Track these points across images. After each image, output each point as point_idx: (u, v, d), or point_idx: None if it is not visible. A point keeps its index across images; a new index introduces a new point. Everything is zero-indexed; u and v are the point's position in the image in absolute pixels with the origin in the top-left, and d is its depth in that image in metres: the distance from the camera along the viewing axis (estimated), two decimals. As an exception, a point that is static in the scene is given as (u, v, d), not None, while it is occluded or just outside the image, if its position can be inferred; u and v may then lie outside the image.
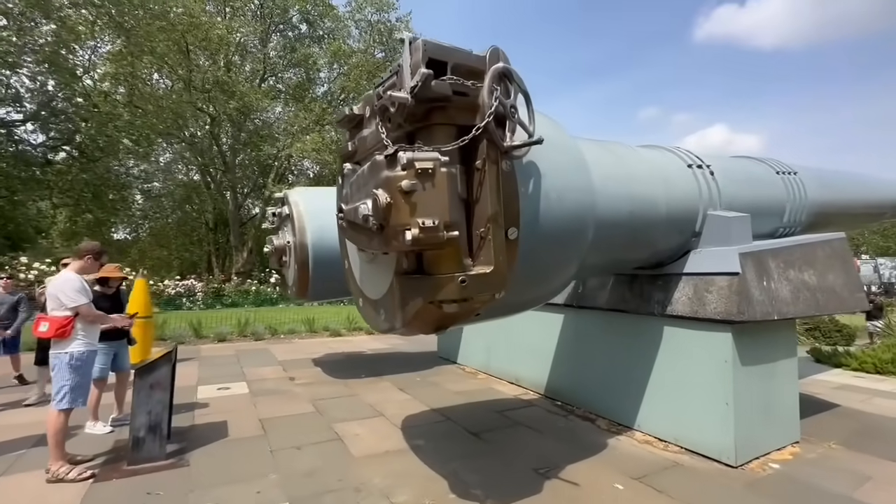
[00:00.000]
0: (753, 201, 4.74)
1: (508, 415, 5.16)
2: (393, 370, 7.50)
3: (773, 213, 5.06)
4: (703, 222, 4.18)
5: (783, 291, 4.14)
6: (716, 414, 3.96)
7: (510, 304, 3.03)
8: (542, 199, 2.73)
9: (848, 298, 4.83)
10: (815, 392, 6.65)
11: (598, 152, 3.54)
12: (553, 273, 3.03)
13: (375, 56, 36.25)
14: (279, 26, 34.78)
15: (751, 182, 4.77)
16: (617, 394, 4.91)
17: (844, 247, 5.11)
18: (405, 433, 4.50)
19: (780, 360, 4.33)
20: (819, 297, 4.49)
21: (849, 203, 6.32)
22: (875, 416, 5.47)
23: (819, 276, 4.61)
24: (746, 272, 3.92)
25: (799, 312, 4.20)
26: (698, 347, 4.14)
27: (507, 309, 3.10)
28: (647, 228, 3.73)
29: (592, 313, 5.26)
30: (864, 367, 8.32)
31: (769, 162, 5.48)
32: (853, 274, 5.04)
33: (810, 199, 5.48)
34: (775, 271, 4.18)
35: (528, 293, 3.03)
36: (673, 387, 4.35)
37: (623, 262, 3.99)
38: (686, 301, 4.18)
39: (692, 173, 4.18)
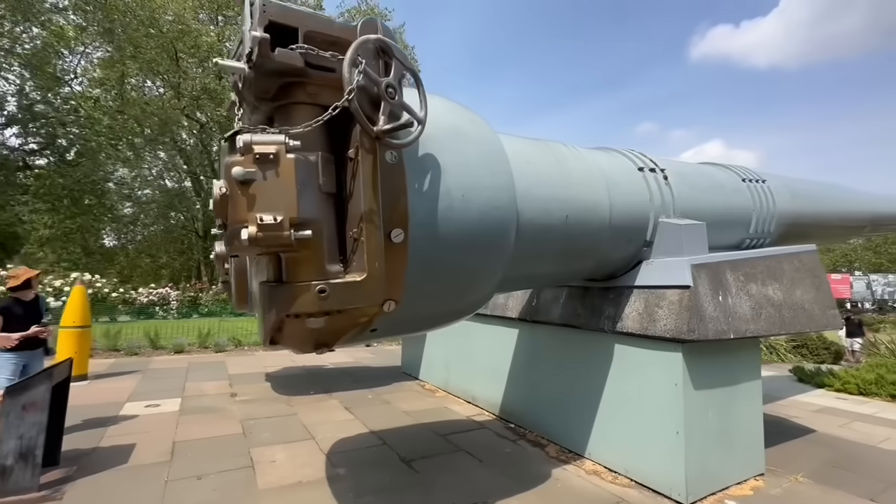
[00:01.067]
0: (714, 209, 4.39)
1: (453, 439, 4.73)
2: (348, 386, 7.05)
3: (738, 223, 4.71)
4: (655, 230, 3.82)
5: (742, 307, 3.77)
6: (666, 443, 3.55)
7: (417, 318, 2.65)
8: (443, 198, 2.37)
9: (818, 316, 4.45)
10: (792, 415, 6.24)
11: (527, 150, 3.19)
12: (465, 283, 2.64)
13: (368, 66, 36.30)
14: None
15: (712, 189, 4.43)
16: (568, 418, 4.50)
17: (815, 260, 4.76)
18: (329, 460, 4.06)
19: (741, 382, 3.93)
20: (785, 313, 4.12)
21: (824, 215, 5.99)
22: (852, 444, 5.06)
23: (785, 292, 4.24)
24: (699, 286, 3.55)
25: (761, 331, 3.81)
26: (649, 368, 3.75)
27: (416, 323, 2.71)
28: (588, 236, 3.36)
29: (546, 328, 4.87)
30: (847, 387, 7.93)
31: (736, 169, 5.15)
32: (825, 289, 4.67)
33: (780, 208, 5.14)
34: (734, 285, 3.81)
35: (437, 305, 2.64)
36: (624, 412, 3.94)
37: (563, 272, 3.61)
38: (636, 317, 3.80)
39: (642, 177, 3.83)
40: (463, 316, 2.97)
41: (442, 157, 2.40)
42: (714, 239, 4.51)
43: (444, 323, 2.91)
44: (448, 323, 2.97)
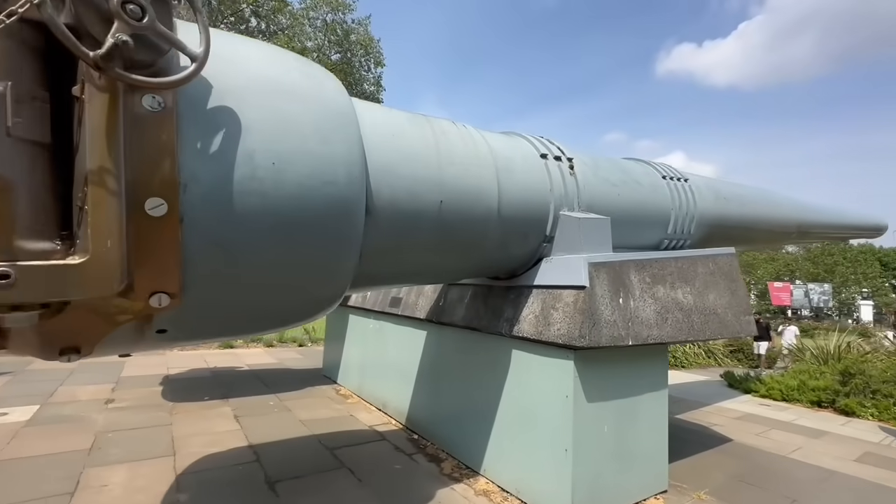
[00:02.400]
0: (628, 205, 4.08)
1: (342, 453, 4.21)
2: (254, 391, 6.40)
3: (656, 222, 4.44)
4: (555, 224, 3.44)
5: (646, 312, 3.45)
6: (554, 462, 3.17)
7: (228, 319, 2.12)
8: (242, 165, 1.85)
9: (732, 322, 4.22)
10: (713, 423, 6.10)
11: (397, 122, 2.72)
12: (290, 275, 2.14)
13: (331, 57, 35.25)
14: (229, 19, 33.18)
15: (627, 184, 4.12)
16: (467, 430, 4.07)
17: (733, 264, 4.55)
18: (180, 482, 3.45)
19: (644, 393, 3.62)
20: (695, 319, 3.85)
21: (750, 219, 5.86)
22: (765, 455, 4.91)
23: (697, 296, 3.98)
24: (596, 286, 3.19)
25: (666, 337, 3.51)
26: (542, 378, 3.37)
27: (229, 325, 2.17)
28: (470, 226, 2.92)
29: (451, 331, 4.43)
30: (772, 393, 7.97)
31: (657, 165, 4.90)
32: (741, 294, 4.47)
33: (700, 209, 4.92)
34: (638, 287, 3.49)
35: (253, 302, 2.12)
36: (518, 425, 3.54)
37: (446, 268, 3.17)
38: (532, 319, 3.42)
39: (544, 165, 3.45)
40: (302, 317, 2.46)
41: (246, 113, 1.88)
42: (629, 238, 4.23)
43: (275, 325, 2.39)
44: (282, 325, 2.45)
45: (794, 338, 13.19)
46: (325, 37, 33.95)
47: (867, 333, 27.30)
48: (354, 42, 34.99)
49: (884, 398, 6.92)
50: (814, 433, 5.87)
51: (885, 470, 4.61)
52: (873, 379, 7.21)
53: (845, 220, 8.06)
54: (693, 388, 8.61)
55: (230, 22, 33.41)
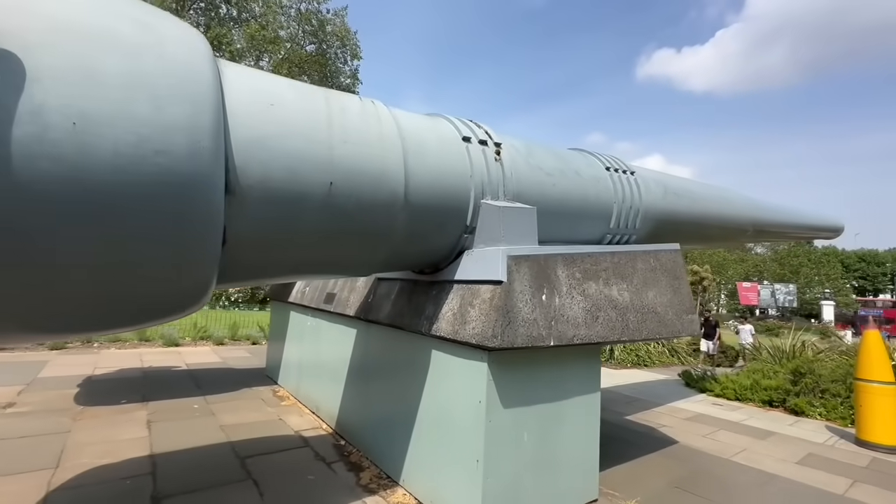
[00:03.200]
0: (564, 196, 3.83)
1: (253, 463, 3.85)
2: (183, 393, 5.94)
3: (597, 215, 4.21)
4: (476, 213, 3.16)
5: (574, 309, 3.20)
6: (467, 473, 2.89)
7: (22, 323, 1.75)
8: (26, 123, 1.48)
9: (673, 321, 4.03)
10: (662, 425, 5.96)
11: (280, 90, 2.38)
12: (110, 265, 1.78)
13: (305, 48, 34.33)
14: (199, 4, 31.91)
15: (563, 173, 3.87)
16: (389, 436, 3.77)
17: (676, 260, 4.36)
18: (49, 500, 3.04)
19: (571, 397, 3.37)
20: (631, 318, 3.62)
21: (701, 215, 5.71)
22: (707, 458, 4.76)
23: (634, 293, 3.76)
24: (515, 281, 2.92)
25: (596, 337, 3.27)
26: (457, 381, 3.08)
27: (26, 328, 1.80)
28: (370, 213, 2.60)
29: (378, 329, 4.12)
30: (726, 393, 7.93)
31: (602, 156, 4.68)
32: (684, 292, 4.28)
33: (647, 203, 4.73)
34: (566, 283, 3.24)
35: (61, 295, 1.75)
36: (436, 432, 3.26)
37: (345, 259, 2.83)
38: (451, 317, 3.12)
39: (465, 149, 3.16)
40: (155, 315, 2.10)
41: (32, 61, 1.51)
42: (566, 231, 3.99)
43: (112, 325, 2.03)
44: (130, 325, 2.09)
45: (750, 336, 13.03)
46: (298, 26, 33.04)
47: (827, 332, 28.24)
48: (330, 33, 34.19)
49: (832, 398, 6.92)
50: (761, 434, 5.78)
51: (825, 472, 4.51)
52: (823, 378, 7.21)
53: (802, 220, 8.07)
54: (650, 388, 8.52)
55: (200, 8, 32.19)
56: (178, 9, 30.08)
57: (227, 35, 28.44)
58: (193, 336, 10.43)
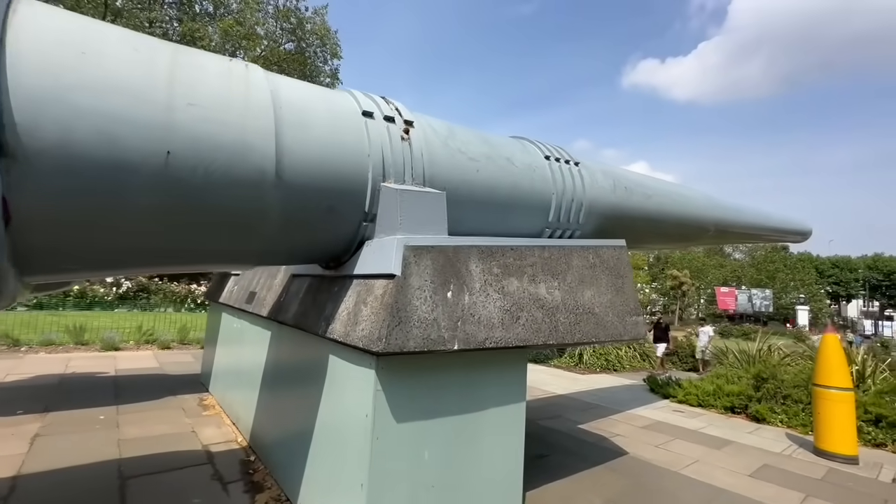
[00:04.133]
0: (492, 184, 3.46)
1: (134, 485, 3.37)
2: (93, 402, 5.39)
3: (532, 206, 3.85)
4: (376, 198, 2.76)
5: (488, 309, 2.82)
6: (352, 500, 2.48)
7: None
8: None
9: (614, 323, 3.69)
10: (615, 433, 5.63)
11: (86, 35, 1.94)
12: None
13: (283, 47, 33.62)
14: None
15: (492, 159, 3.50)
16: (291, 453, 3.33)
17: (621, 257, 4.03)
18: None
19: (488, 408, 2.99)
20: (561, 319, 3.26)
21: (655, 212, 5.41)
22: (655, 471, 4.43)
23: (568, 292, 3.41)
24: (411, 276, 2.53)
25: (515, 339, 2.89)
26: (347, 390, 2.68)
27: None
28: (227, 191, 2.18)
29: (287, 331, 3.69)
30: (688, 399, 7.66)
31: (542, 144, 4.33)
32: (628, 292, 3.95)
33: (592, 196, 4.39)
34: (479, 279, 2.86)
35: None
36: (329, 450, 2.84)
37: (199, 247, 2.38)
38: (345, 317, 2.71)
39: (363, 124, 2.76)
40: None
41: None
42: (494, 222, 3.62)
43: None
44: None
45: (707, 339, 12.70)
46: (276, 23, 32.40)
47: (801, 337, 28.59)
48: (309, 32, 33.60)
49: (794, 404, 6.70)
50: (717, 443, 5.49)
51: (777, 486, 4.21)
52: (785, 384, 7.00)
53: (768, 222, 7.88)
54: (613, 393, 8.22)
55: (175, 3, 31.31)
56: (149, 2, 29.25)
57: (200, 30, 27.67)
58: (137, 340, 9.79)
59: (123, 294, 18.60)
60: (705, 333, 12.90)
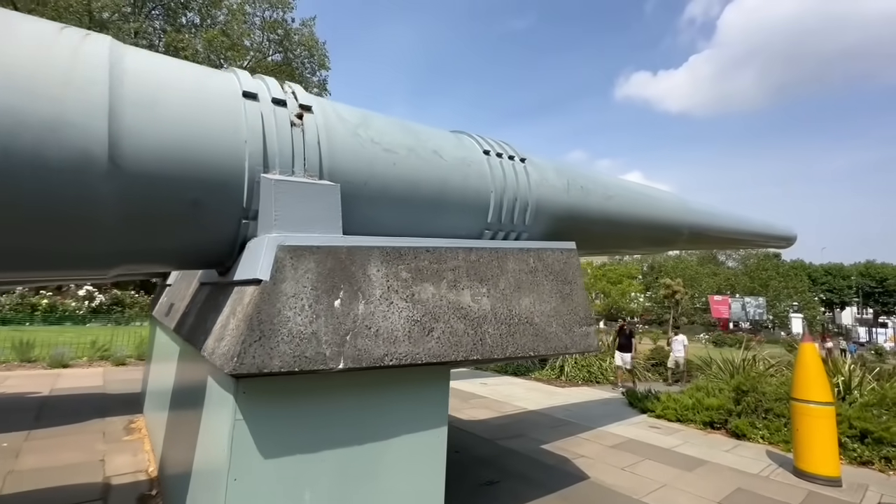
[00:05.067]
0: (410, 179, 3.07)
1: (0, 528, 2.90)
2: (8, 426, 4.90)
3: (465, 205, 3.46)
4: (256, 192, 2.36)
5: (391, 320, 2.41)
6: (207, 557, 2.04)
7: None
8: None
9: (558, 335, 3.30)
10: (580, 454, 5.18)
11: None
12: None
13: (270, 58, 33.51)
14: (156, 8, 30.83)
15: (414, 152, 3.12)
16: (179, 488, 2.88)
17: (569, 261, 3.65)
18: None
19: (391, 438, 2.55)
20: (489, 330, 2.87)
21: (621, 214, 5.04)
22: (615, 499, 3.98)
23: (500, 300, 3.01)
24: (284, 281, 2.12)
25: (426, 355, 2.48)
26: (212, 420, 2.26)
27: None
28: (35, 178, 1.79)
29: (184, 346, 3.26)
30: (666, 413, 7.22)
31: (483, 138, 3.97)
32: (577, 300, 3.56)
33: (540, 195, 4.02)
34: (381, 285, 2.45)
35: None
36: (201, 489, 2.39)
37: (6, 247, 1.98)
38: (218, 331, 2.30)
39: (240, 106, 2.38)
40: None
41: None
42: (417, 222, 3.22)
43: None
44: None
45: (682, 349, 11.99)
46: (262, 34, 32.35)
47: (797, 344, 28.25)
48: (297, 43, 33.55)
49: (776, 418, 6.28)
50: (690, 464, 5.05)
51: (748, 516, 3.78)
52: (766, 397, 6.58)
53: (749, 227, 7.55)
54: (587, 409, 7.77)
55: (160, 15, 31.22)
56: (133, 12, 29.13)
57: (182, 40, 27.50)
58: (91, 356, 9.27)
59: (97, 308, 18.04)
60: (679, 342, 12.17)
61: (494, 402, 7.83)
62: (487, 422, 6.45)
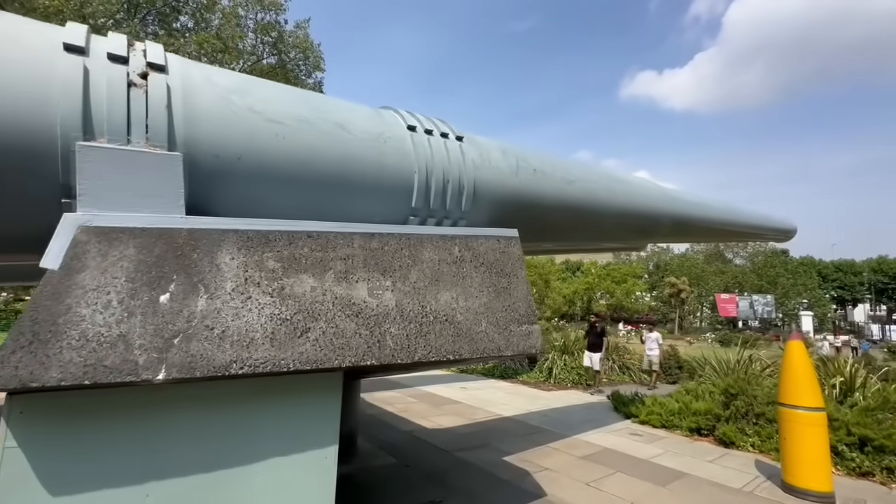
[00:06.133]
0: (302, 154, 2.62)
1: None
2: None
3: (379, 186, 3.01)
4: (72, 160, 1.93)
5: (245, 318, 1.97)
6: None
7: None
8: None
9: (489, 334, 2.85)
10: (543, 467, 4.69)
11: None
12: None
13: (265, 61, 33.35)
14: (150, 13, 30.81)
15: (306, 122, 2.66)
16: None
17: (508, 250, 3.19)
18: None
19: (246, 465, 2.10)
20: (392, 330, 2.42)
21: (586, 202, 4.56)
22: (569, 521, 3.50)
23: (409, 294, 2.57)
24: (82, 270, 1.69)
25: (296, 361, 2.03)
26: None
27: None
28: None
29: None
30: (651, 419, 6.69)
31: (413, 114, 3.52)
32: (517, 295, 3.10)
33: (482, 178, 3.56)
34: (237, 276, 2.01)
35: None
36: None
37: None
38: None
39: (52, 63, 1.95)
40: None
41: None
42: (319, 205, 2.79)
43: None
44: None
45: (656, 347, 10.72)
46: (256, 36, 32.20)
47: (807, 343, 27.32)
48: (291, 45, 33.37)
49: (767, 424, 5.73)
50: (666, 477, 4.54)
51: (720, 542, 3.28)
52: (758, 400, 6.03)
53: (742, 219, 7.03)
54: (568, 414, 7.25)
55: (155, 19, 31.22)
56: (127, 17, 29.12)
57: (174, 44, 27.36)
58: None
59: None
60: (652, 340, 10.75)
61: (468, 407, 7.35)
62: (453, 430, 5.98)
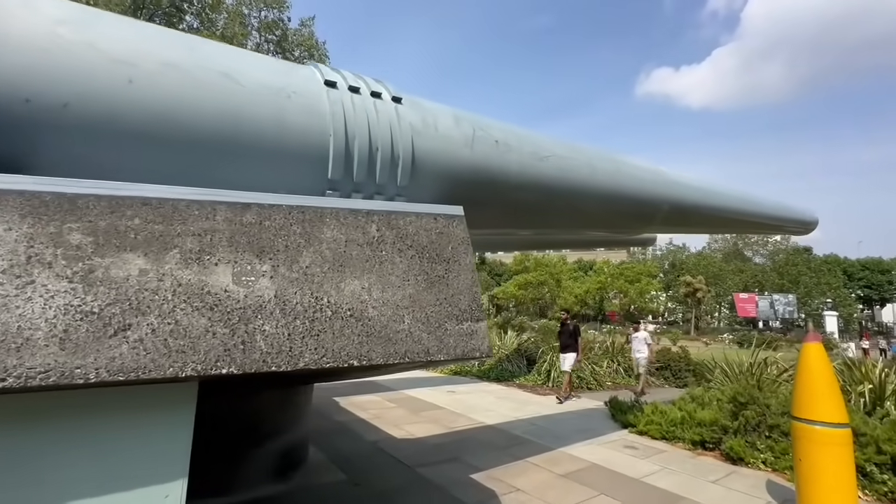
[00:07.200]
0: (167, 107, 2.07)
1: None
2: None
3: (281, 151, 2.44)
4: None
5: (17, 312, 1.42)
6: None
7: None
8: None
9: (415, 334, 2.30)
10: (519, 487, 4.08)
11: None
12: None
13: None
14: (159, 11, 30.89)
15: (177, 69, 2.09)
16: None
17: (447, 231, 2.62)
18: None
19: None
20: (268, 329, 1.86)
21: (556, 180, 3.90)
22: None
23: (296, 282, 2.02)
24: None
25: (101, 370, 1.49)
26: None
27: None
28: None
29: None
30: (650, 429, 5.99)
31: (336, 70, 2.94)
32: (458, 286, 2.53)
33: (422, 147, 2.97)
34: (15, 252, 1.47)
35: None
36: None
37: None
38: None
39: None
40: None
41: None
42: (201, 171, 2.24)
43: None
44: None
45: (645, 346, 9.50)
46: (260, 35, 32.12)
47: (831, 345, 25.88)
48: (295, 43, 33.18)
49: (782, 437, 5.00)
50: (659, 501, 3.88)
51: None
52: (771, 410, 5.30)
53: (756, 208, 6.31)
54: (558, 423, 6.59)
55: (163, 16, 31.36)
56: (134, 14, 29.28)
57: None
58: None
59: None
60: (640, 341, 9.55)
61: (449, 414, 6.75)
62: (424, 441, 5.39)
